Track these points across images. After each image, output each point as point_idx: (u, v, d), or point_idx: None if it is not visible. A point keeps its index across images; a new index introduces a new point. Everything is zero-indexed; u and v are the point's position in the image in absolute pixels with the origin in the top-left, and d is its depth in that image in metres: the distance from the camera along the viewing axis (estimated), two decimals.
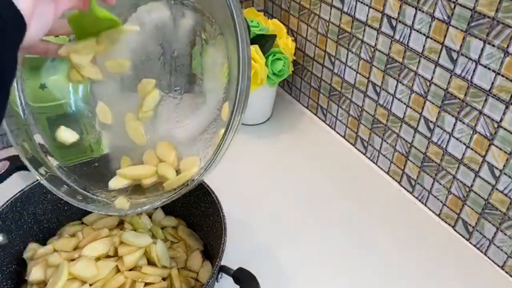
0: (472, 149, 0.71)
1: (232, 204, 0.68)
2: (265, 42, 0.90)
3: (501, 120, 0.65)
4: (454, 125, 0.72)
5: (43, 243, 0.69)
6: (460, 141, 0.72)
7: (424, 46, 0.72)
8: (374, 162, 0.92)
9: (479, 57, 0.65)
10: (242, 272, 0.59)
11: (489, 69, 0.64)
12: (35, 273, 0.63)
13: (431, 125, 0.76)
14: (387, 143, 0.87)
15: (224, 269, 0.59)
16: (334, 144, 0.99)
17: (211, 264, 0.67)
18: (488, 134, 0.68)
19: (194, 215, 0.72)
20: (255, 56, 0.87)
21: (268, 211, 0.82)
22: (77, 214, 0.73)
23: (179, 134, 0.59)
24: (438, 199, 0.80)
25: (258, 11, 1.03)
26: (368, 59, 0.84)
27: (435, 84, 0.73)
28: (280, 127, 1.03)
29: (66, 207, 0.71)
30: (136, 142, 0.59)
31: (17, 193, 0.66)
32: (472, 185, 0.73)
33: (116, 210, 0.58)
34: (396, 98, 0.81)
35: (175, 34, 0.56)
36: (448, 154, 0.75)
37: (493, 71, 0.64)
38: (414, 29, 0.72)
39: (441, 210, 0.81)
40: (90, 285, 0.61)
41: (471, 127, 0.70)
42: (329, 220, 0.81)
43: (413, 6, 0.71)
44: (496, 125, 0.66)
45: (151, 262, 0.66)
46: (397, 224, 0.80)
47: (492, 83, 0.64)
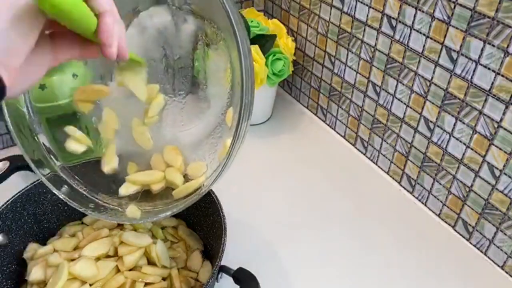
0: (472, 149, 0.71)
1: (232, 204, 0.68)
2: (265, 42, 0.90)
3: (501, 120, 0.65)
4: (454, 125, 0.72)
5: (43, 243, 0.69)
6: (460, 141, 0.72)
7: (424, 46, 0.72)
8: (374, 162, 0.92)
9: (479, 57, 0.65)
10: (242, 272, 0.59)
11: (489, 69, 0.64)
12: (35, 273, 0.63)
13: (431, 125, 0.76)
14: (387, 143, 0.87)
15: (224, 269, 0.60)
16: (334, 144, 0.99)
17: (211, 264, 0.67)
18: (488, 134, 0.68)
19: (194, 215, 0.72)
20: (255, 56, 0.87)
21: (268, 211, 0.82)
22: (77, 214, 0.72)
23: (185, 138, 0.59)
24: (438, 199, 0.80)
25: (258, 11, 1.03)
26: (368, 59, 0.84)
27: (435, 84, 0.73)
28: (280, 127, 1.03)
29: (66, 207, 0.71)
30: (142, 146, 0.60)
31: (17, 193, 0.66)
32: (472, 185, 0.73)
33: (128, 219, 0.58)
34: (396, 98, 0.81)
35: (177, 38, 0.56)
36: (448, 154, 0.75)
37: (493, 71, 0.64)
38: (414, 29, 0.72)
39: (441, 210, 0.81)
40: (90, 285, 0.61)
41: (471, 127, 0.70)
42: (329, 220, 0.81)
43: (413, 6, 0.71)
44: (496, 125, 0.66)
45: (151, 262, 0.66)
46: (397, 224, 0.80)
47: (492, 83, 0.64)
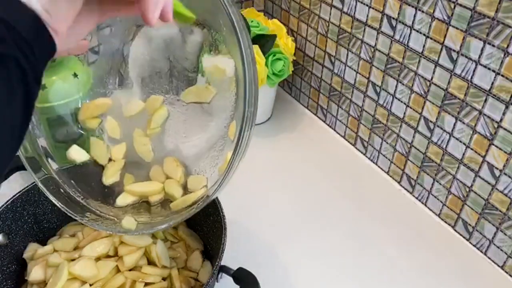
0: (472, 149, 0.71)
1: (232, 204, 0.68)
2: (265, 42, 0.90)
3: (501, 120, 0.65)
4: (454, 125, 0.72)
5: (43, 243, 0.69)
6: (460, 141, 0.72)
7: (424, 46, 0.72)
8: (374, 162, 0.92)
9: (479, 57, 0.65)
10: (242, 272, 0.59)
11: (489, 69, 0.64)
12: (35, 273, 0.63)
13: (431, 125, 0.76)
14: (387, 143, 0.87)
15: (224, 269, 0.59)
16: (334, 144, 0.99)
17: (211, 264, 0.67)
18: (488, 134, 0.68)
19: (194, 215, 0.72)
20: (255, 56, 0.87)
21: (268, 211, 0.82)
22: None
23: (187, 149, 0.59)
24: (438, 199, 0.80)
25: (258, 11, 1.03)
26: (368, 59, 0.84)
27: (435, 84, 0.73)
28: (280, 127, 1.03)
29: None
30: (143, 158, 0.60)
31: (17, 193, 0.66)
32: (472, 185, 0.73)
33: (124, 230, 0.57)
34: (396, 98, 0.81)
35: (182, 49, 0.56)
36: (448, 154, 0.75)
37: (493, 71, 0.64)
38: (414, 29, 0.72)
39: (441, 210, 0.81)
40: (90, 285, 0.61)
41: (471, 127, 0.70)
42: (329, 220, 0.81)
43: (413, 6, 0.71)
44: (496, 125, 0.66)
45: (151, 262, 0.66)
46: (397, 224, 0.80)
47: (492, 83, 0.64)
